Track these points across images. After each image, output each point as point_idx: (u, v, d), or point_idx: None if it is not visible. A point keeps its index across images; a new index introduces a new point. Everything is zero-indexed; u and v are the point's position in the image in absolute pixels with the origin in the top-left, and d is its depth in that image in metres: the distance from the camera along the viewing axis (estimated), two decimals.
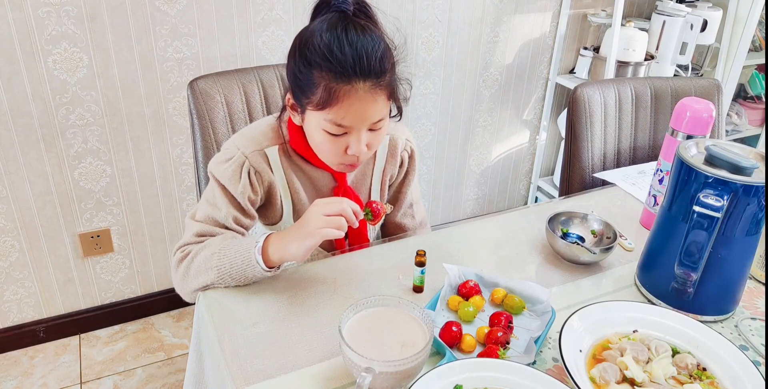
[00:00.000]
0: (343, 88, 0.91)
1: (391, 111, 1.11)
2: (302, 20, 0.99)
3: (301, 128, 1.03)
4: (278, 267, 0.98)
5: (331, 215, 0.91)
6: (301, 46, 0.94)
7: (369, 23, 0.94)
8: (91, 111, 1.72)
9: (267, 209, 1.13)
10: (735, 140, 2.55)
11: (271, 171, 1.07)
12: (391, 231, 1.27)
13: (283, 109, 1.06)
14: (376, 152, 1.16)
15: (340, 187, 1.13)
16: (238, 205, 1.05)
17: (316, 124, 0.97)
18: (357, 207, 0.93)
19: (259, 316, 0.94)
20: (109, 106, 1.74)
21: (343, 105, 0.92)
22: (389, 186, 1.22)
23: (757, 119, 2.66)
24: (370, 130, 0.98)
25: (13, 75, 1.60)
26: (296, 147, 1.07)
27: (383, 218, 1.02)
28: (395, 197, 1.25)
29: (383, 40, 0.94)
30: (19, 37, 1.56)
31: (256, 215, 1.10)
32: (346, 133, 0.96)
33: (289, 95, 1.01)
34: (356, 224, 0.93)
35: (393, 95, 0.98)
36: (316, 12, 0.97)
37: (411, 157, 1.20)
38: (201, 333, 0.98)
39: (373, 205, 0.99)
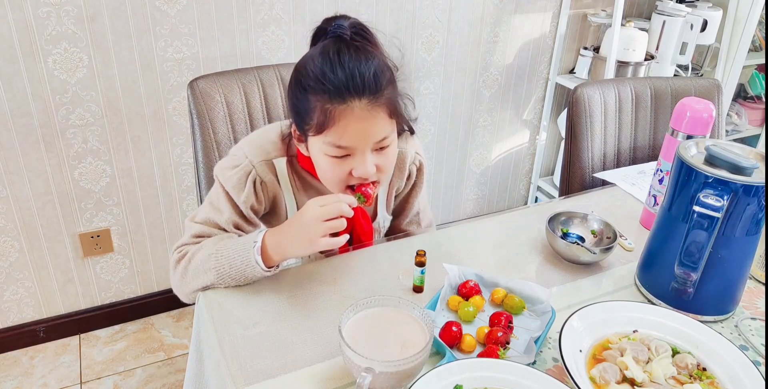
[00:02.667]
0: (338, 108, 0.89)
1: (402, 129, 1.11)
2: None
3: None
4: (277, 266, 0.98)
5: (330, 219, 0.90)
6: (297, 74, 0.94)
7: (364, 43, 0.93)
8: (91, 111, 1.72)
9: (272, 218, 1.13)
10: (735, 140, 2.55)
11: (278, 182, 1.06)
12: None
13: (290, 130, 1.04)
14: None
15: None
16: (240, 212, 1.04)
17: (318, 150, 0.95)
18: (351, 198, 0.92)
19: (259, 316, 0.94)
20: (109, 106, 1.74)
21: (339, 125, 0.90)
22: (396, 196, 1.22)
23: (757, 119, 2.66)
24: (376, 151, 0.95)
25: (13, 75, 1.60)
26: (303, 164, 1.06)
27: (375, 194, 1.01)
28: (402, 207, 1.25)
29: (377, 57, 0.92)
30: (19, 37, 1.56)
31: (258, 223, 1.09)
32: (349, 155, 0.94)
33: (293, 126, 1.00)
34: (352, 213, 0.91)
35: (395, 113, 0.95)
36: (315, 40, 0.97)
37: (419, 170, 1.19)
38: (201, 333, 0.98)
39: (363, 189, 0.97)
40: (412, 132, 1.13)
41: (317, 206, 0.90)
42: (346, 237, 0.91)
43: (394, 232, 1.27)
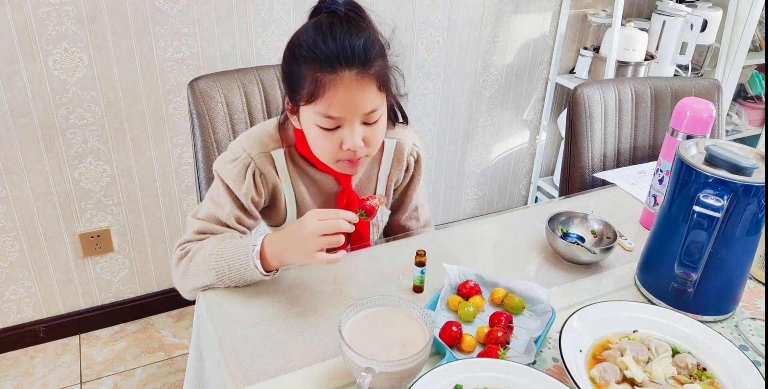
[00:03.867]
0: (328, 78, 0.91)
1: (397, 117, 1.11)
2: (302, 20, 0.99)
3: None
4: (276, 271, 0.98)
5: (328, 235, 0.89)
6: (290, 45, 0.96)
7: (357, 19, 0.95)
8: (91, 111, 1.72)
9: (271, 211, 1.13)
10: (735, 140, 2.55)
11: (277, 174, 1.07)
12: (395, 233, 1.27)
13: (284, 112, 1.06)
14: (382, 156, 1.15)
15: (344, 191, 1.12)
16: (241, 205, 1.05)
17: (308, 120, 0.97)
18: (351, 215, 0.90)
19: (259, 316, 0.94)
20: (109, 106, 1.74)
21: (329, 95, 0.91)
22: (394, 190, 1.22)
23: (757, 119, 2.66)
24: (366, 124, 0.96)
25: (13, 75, 1.60)
26: (302, 150, 1.07)
27: (379, 208, 1.01)
28: (400, 201, 1.25)
29: (368, 31, 0.94)
30: (19, 37, 1.56)
31: (259, 216, 1.09)
32: (339, 127, 0.95)
33: (287, 98, 1.01)
34: (353, 229, 0.91)
35: (385, 86, 0.97)
36: (311, 18, 0.98)
37: (417, 161, 1.20)
38: (201, 333, 0.98)
39: (366, 204, 0.97)
40: (406, 122, 1.13)
41: (316, 219, 0.89)
42: (343, 253, 0.91)
43: (392, 228, 1.27)
